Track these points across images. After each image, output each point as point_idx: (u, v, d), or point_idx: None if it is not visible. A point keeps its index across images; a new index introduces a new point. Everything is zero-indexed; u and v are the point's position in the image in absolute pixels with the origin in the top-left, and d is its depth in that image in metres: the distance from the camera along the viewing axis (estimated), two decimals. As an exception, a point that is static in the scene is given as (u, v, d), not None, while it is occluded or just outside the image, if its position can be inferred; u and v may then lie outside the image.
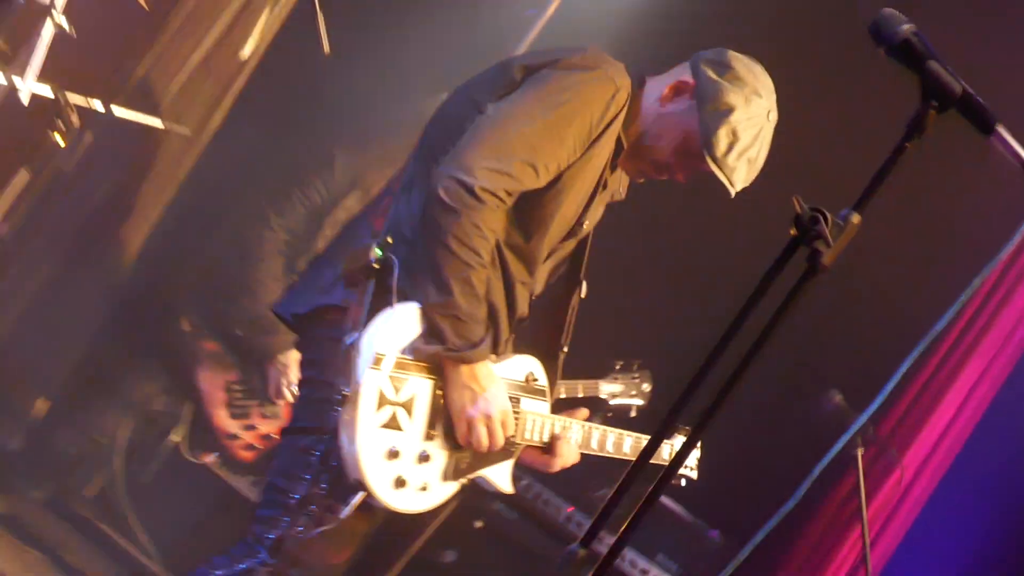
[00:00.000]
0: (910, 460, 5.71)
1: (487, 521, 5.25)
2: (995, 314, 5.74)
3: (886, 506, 5.70)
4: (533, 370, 3.90)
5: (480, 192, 3.38)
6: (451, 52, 6.17)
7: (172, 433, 5.65)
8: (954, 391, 5.77)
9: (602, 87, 3.62)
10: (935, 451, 5.80)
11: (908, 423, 5.78)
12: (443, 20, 6.18)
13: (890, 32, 2.40)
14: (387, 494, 3.51)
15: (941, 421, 5.78)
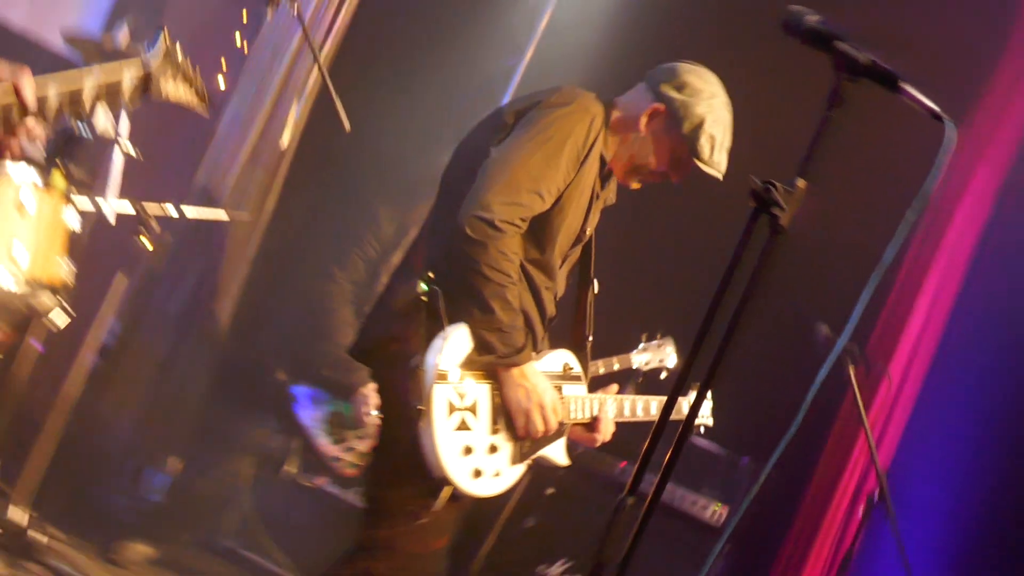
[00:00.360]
0: (895, 367, 5.84)
1: (556, 487, 5.45)
2: (941, 232, 5.90)
3: (883, 410, 5.81)
4: (568, 360, 4.07)
5: (500, 224, 3.56)
6: (453, 107, 6.37)
7: (287, 464, 5.83)
8: (920, 300, 5.92)
9: (580, 117, 3.79)
10: (915, 354, 5.94)
11: (887, 337, 5.90)
12: (442, 81, 6.38)
13: (797, 24, 2.56)
14: (468, 484, 3.70)
15: (914, 329, 5.92)
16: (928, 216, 5.88)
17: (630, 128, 3.94)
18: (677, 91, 3.93)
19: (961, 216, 5.89)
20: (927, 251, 5.89)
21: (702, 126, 3.90)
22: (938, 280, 5.91)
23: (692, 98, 3.91)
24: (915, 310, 5.89)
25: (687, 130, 3.87)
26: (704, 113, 3.90)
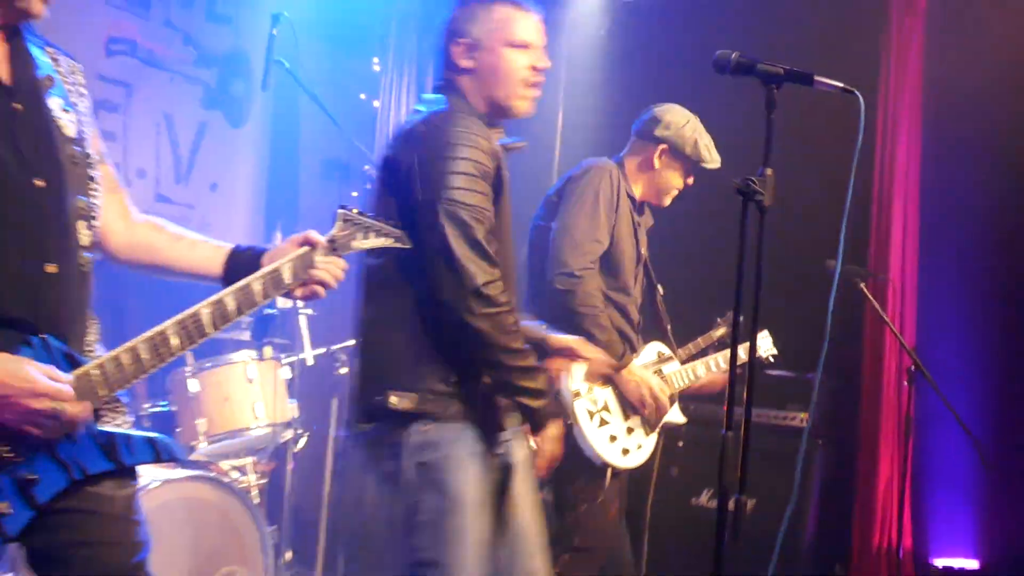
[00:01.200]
0: (894, 271, 5.78)
1: (684, 440, 5.46)
2: (893, 157, 5.85)
3: (896, 306, 5.75)
4: (660, 348, 4.26)
5: (580, 272, 3.80)
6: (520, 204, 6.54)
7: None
8: (895, 213, 5.82)
9: (600, 176, 4.00)
10: (904, 256, 5.85)
11: (880, 251, 5.86)
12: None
13: (725, 64, 2.61)
14: (622, 462, 3.95)
15: (897, 237, 5.82)
16: (878, 150, 5.87)
17: (648, 168, 4.16)
18: (667, 129, 4.13)
19: (903, 138, 5.87)
20: (887, 177, 5.86)
21: (697, 143, 4.13)
22: (902, 194, 5.86)
23: (679, 128, 4.13)
24: (893, 221, 5.83)
25: (690, 151, 4.12)
26: (691, 134, 4.13)
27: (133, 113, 5.87)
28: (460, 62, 2.94)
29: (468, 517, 2.71)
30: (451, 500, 2.70)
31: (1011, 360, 5.69)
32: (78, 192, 2.14)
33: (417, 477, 2.70)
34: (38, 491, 2.02)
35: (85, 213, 2.16)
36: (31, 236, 2.05)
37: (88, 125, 2.25)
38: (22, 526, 2.01)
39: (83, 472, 2.07)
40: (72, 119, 2.19)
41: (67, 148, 2.13)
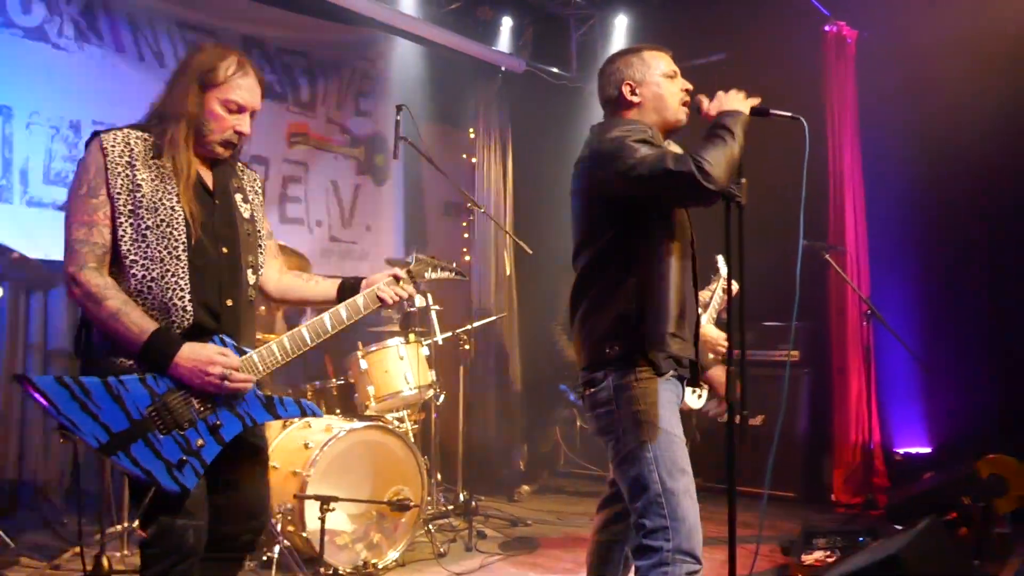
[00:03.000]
0: (848, 242, 5.64)
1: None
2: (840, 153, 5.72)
3: (853, 267, 5.61)
4: None
5: None
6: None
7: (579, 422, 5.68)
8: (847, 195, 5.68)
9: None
10: (856, 226, 5.70)
11: (837, 226, 5.70)
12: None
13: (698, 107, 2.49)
14: (696, 404, 3.79)
15: (850, 213, 5.69)
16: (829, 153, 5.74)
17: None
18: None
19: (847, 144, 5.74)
20: (837, 174, 5.72)
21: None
22: (851, 185, 5.72)
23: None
24: (846, 206, 5.70)
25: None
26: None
27: (311, 183, 6.00)
28: (630, 99, 2.52)
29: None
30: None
31: (938, 299, 5.60)
32: (249, 253, 2.37)
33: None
34: (224, 432, 2.22)
35: (252, 265, 2.38)
36: (218, 283, 2.27)
37: (259, 211, 2.45)
38: (214, 456, 2.19)
39: (253, 421, 2.27)
40: (247, 208, 2.41)
41: (244, 225, 2.36)
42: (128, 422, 2.08)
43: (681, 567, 2.26)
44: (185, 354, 2.14)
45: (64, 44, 4.68)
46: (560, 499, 5.76)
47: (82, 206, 2.15)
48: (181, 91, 2.25)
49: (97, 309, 2.11)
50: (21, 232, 4.25)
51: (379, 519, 3.99)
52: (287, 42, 5.83)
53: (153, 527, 2.14)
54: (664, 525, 2.28)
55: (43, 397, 2.03)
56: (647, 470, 2.31)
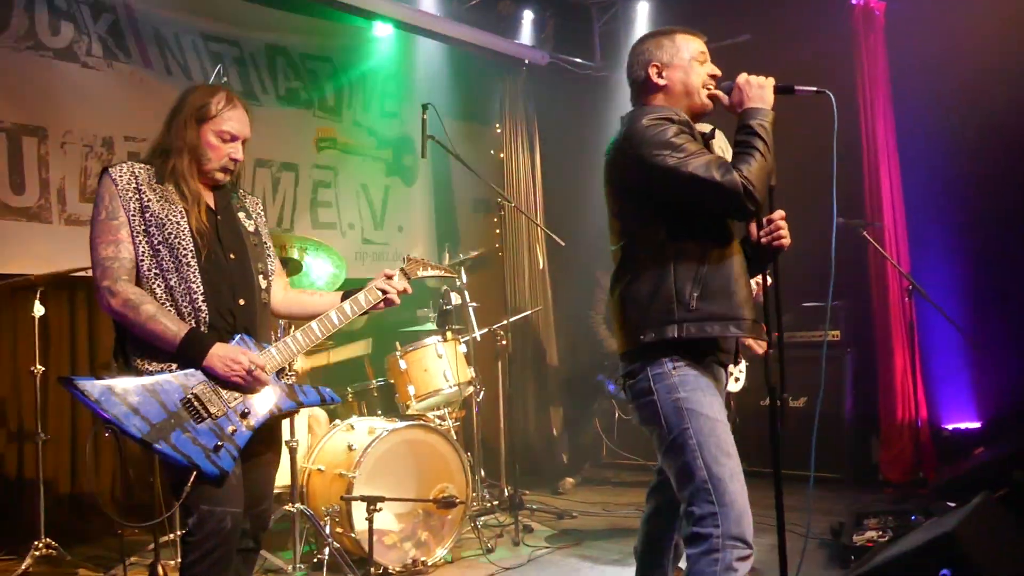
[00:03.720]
0: (886, 217, 5.54)
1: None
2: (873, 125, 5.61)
3: (892, 243, 5.51)
4: None
5: None
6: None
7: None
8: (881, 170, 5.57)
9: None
10: (893, 202, 5.60)
11: (874, 201, 5.60)
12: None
13: (727, 91, 2.45)
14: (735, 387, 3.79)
15: (886, 187, 5.58)
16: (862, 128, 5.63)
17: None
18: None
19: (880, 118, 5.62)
20: (871, 149, 5.60)
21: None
22: (885, 159, 5.60)
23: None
24: (881, 181, 5.59)
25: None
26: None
27: (341, 186, 6.03)
28: (656, 81, 2.47)
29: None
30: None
31: (981, 271, 5.49)
32: (257, 260, 2.60)
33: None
34: (253, 419, 2.44)
35: (263, 271, 2.61)
36: (229, 284, 2.49)
37: (263, 228, 2.71)
38: (247, 440, 2.41)
39: (278, 408, 2.49)
40: (251, 223, 2.65)
41: (249, 237, 2.61)
42: (165, 413, 2.30)
43: (731, 553, 2.23)
44: (217, 350, 2.38)
45: (93, 63, 4.74)
46: (605, 490, 5.75)
47: (105, 228, 2.40)
48: (179, 127, 2.50)
49: (135, 315, 2.34)
50: (61, 250, 4.33)
51: (426, 517, 4.01)
52: (310, 48, 5.86)
53: (193, 517, 2.33)
54: (712, 511, 2.25)
55: (87, 397, 2.25)
56: (692, 457, 2.29)
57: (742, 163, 2.29)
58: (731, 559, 2.23)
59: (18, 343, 4.51)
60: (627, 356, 2.45)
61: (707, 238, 2.38)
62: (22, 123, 4.46)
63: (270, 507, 2.66)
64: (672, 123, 2.36)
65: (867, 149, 5.66)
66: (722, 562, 2.22)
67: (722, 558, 2.23)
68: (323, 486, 4.05)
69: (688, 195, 2.32)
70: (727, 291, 2.36)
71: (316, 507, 4.01)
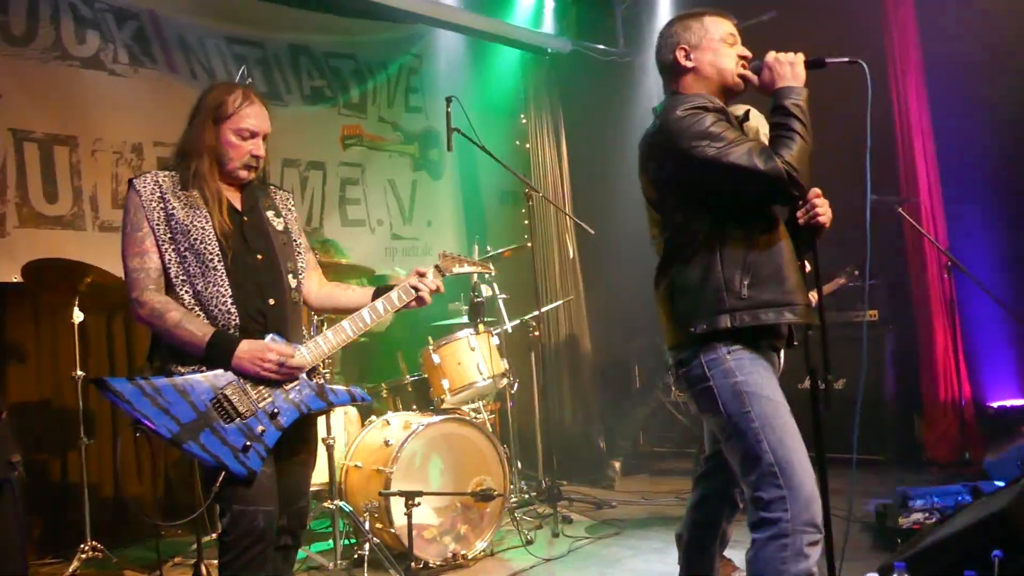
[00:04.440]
0: (922, 193, 5.45)
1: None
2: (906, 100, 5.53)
3: (928, 220, 5.43)
4: None
5: None
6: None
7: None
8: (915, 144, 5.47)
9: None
10: (929, 176, 5.50)
11: (908, 176, 5.50)
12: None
13: (756, 68, 2.38)
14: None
15: (920, 162, 5.49)
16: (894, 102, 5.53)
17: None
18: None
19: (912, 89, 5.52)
20: (904, 122, 5.50)
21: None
22: (919, 133, 5.49)
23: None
24: (915, 155, 5.49)
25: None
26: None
27: (368, 183, 6.04)
28: (684, 64, 2.42)
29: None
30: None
31: (1021, 243, 5.37)
32: (287, 259, 2.57)
33: None
34: (282, 419, 2.42)
35: (292, 271, 2.58)
36: (257, 286, 2.48)
37: (293, 224, 2.66)
38: (276, 440, 2.40)
39: (308, 408, 2.48)
40: (280, 222, 2.62)
41: (278, 236, 2.58)
42: (195, 413, 2.32)
43: (802, 538, 2.15)
44: (244, 348, 2.38)
45: (120, 70, 4.77)
46: (643, 479, 5.71)
47: (131, 240, 2.43)
48: (198, 129, 2.50)
49: (162, 322, 2.37)
50: (96, 257, 4.34)
51: (464, 510, 4.00)
52: (333, 46, 5.86)
53: (227, 517, 2.35)
54: (781, 495, 2.18)
55: (119, 397, 2.27)
56: (755, 441, 2.22)
57: (783, 148, 2.22)
58: (802, 544, 2.15)
59: (59, 349, 4.57)
60: (678, 347, 2.39)
61: (752, 225, 2.33)
62: (53, 133, 4.51)
63: (307, 505, 2.67)
64: (708, 111, 2.29)
65: (900, 123, 5.56)
66: (792, 548, 2.15)
67: (792, 543, 2.15)
68: (361, 482, 4.05)
69: (730, 185, 2.26)
70: (779, 277, 2.30)
71: (355, 503, 4.02)
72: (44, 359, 4.56)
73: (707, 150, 2.23)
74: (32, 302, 4.51)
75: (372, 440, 4.14)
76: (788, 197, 2.27)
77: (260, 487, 2.36)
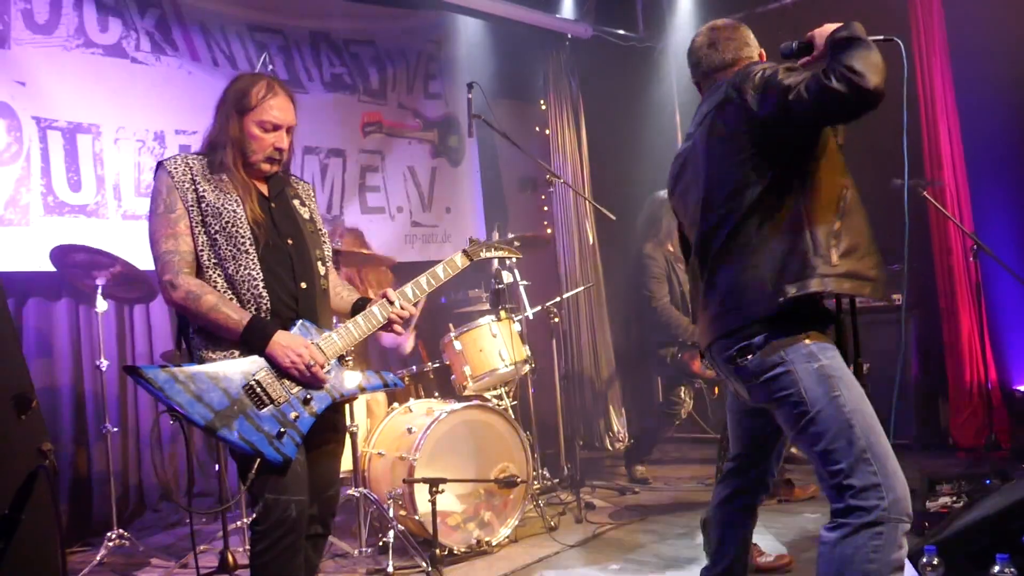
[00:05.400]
0: (947, 175, 5.35)
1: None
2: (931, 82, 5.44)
3: (953, 202, 5.32)
4: None
5: None
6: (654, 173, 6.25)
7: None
8: (940, 127, 5.39)
9: None
10: (953, 158, 5.41)
11: (934, 159, 5.42)
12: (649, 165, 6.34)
13: (788, 50, 2.35)
14: None
15: (945, 145, 5.39)
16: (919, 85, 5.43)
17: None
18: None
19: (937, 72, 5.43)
20: (929, 105, 5.41)
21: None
22: (944, 115, 5.40)
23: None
24: (940, 138, 5.39)
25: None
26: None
27: (388, 170, 6.01)
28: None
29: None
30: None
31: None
32: (315, 247, 2.57)
33: None
34: (315, 405, 2.41)
35: (321, 258, 2.58)
36: (290, 269, 2.47)
37: (316, 214, 2.68)
38: (309, 426, 2.38)
39: (340, 394, 2.46)
40: (306, 211, 2.62)
41: (306, 224, 2.57)
42: (228, 400, 2.29)
43: (899, 527, 2.09)
44: (280, 337, 2.36)
45: (142, 58, 4.76)
46: (666, 465, 5.66)
47: (164, 222, 2.39)
48: (223, 120, 2.48)
49: (197, 306, 2.33)
50: (119, 246, 4.34)
51: (488, 497, 3.98)
52: (353, 33, 5.83)
53: (259, 506, 2.32)
54: (876, 483, 2.09)
55: (152, 385, 2.24)
56: (847, 426, 2.13)
57: (845, 56, 2.04)
58: (899, 535, 2.10)
59: (81, 338, 4.57)
60: (740, 332, 2.27)
61: (827, 199, 2.23)
62: (76, 121, 4.50)
63: (337, 493, 2.65)
64: (770, 65, 2.25)
65: (925, 105, 5.46)
66: (888, 536, 2.08)
67: (888, 532, 2.08)
68: (384, 469, 4.04)
69: (805, 112, 2.10)
70: (861, 251, 2.22)
71: (379, 490, 4.01)
72: (69, 348, 4.57)
73: (783, 83, 2.12)
74: (56, 290, 4.51)
75: (395, 427, 4.13)
76: (863, 97, 2.02)
77: (293, 476, 2.34)
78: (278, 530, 2.32)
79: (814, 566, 2.19)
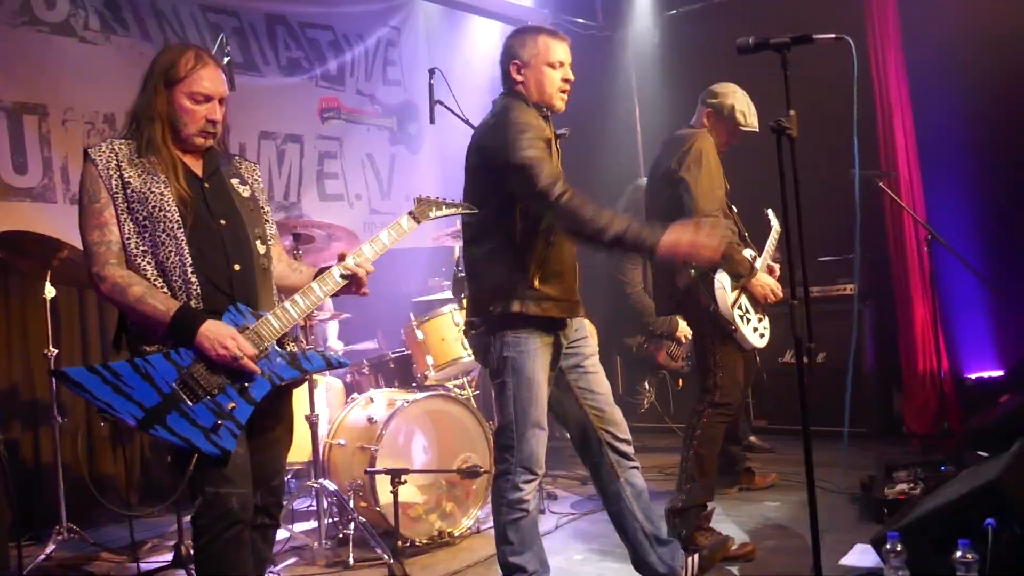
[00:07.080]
0: (901, 167, 5.42)
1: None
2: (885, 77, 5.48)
3: (908, 192, 5.40)
4: (752, 253, 3.76)
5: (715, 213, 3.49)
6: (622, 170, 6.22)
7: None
8: (895, 120, 5.45)
9: (705, 138, 3.63)
10: (908, 150, 5.49)
11: (888, 151, 5.48)
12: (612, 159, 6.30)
13: (745, 47, 2.47)
14: (760, 343, 3.64)
15: (899, 137, 5.46)
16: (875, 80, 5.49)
17: (701, 127, 3.70)
18: (712, 98, 3.73)
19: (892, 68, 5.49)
20: (885, 100, 5.47)
21: (734, 108, 3.70)
22: (899, 110, 5.47)
23: (722, 99, 3.72)
24: (895, 131, 5.46)
25: (727, 114, 3.69)
26: (732, 102, 3.70)
27: (346, 157, 5.91)
28: (515, 77, 2.92)
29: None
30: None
31: (998, 218, 5.37)
32: (255, 225, 2.44)
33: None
34: (253, 392, 2.28)
35: (260, 236, 2.45)
36: (222, 252, 2.34)
37: (261, 194, 2.56)
38: (248, 415, 2.26)
39: (280, 378, 2.33)
40: (247, 188, 2.49)
41: (244, 203, 2.45)
42: (159, 396, 2.18)
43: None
44: (208, 328, 2.23)
45: (91, 37, 4.59)
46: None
47: (89, 212, 2.28)
48: (150, 94, 2.35)
49: (124, 297, 2.23)
50: (66, 231, 4.18)
51: (450, 488, 3.93)
52: (310, 17, 5.71)
53: (199, 499, 2.24)
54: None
55: (79, 387, 2.14)
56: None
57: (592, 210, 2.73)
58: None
59: (28, 326, 4.41)
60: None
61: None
62: (22, 101, 4.34)
63: (283, 483, 2.56)
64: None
65: (880, 98, 5.51)
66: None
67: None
68: (345, 460, 3.96)
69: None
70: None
71: (339, 482, 3.92)
72: (15, 336, 4.40)
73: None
74: (2, 277, 4.33)
75: (355, 418, 4.05)
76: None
77: (233, 468, 2.23)
78: (220, 524, 2.23)
79: (776, 554, 2.18)
